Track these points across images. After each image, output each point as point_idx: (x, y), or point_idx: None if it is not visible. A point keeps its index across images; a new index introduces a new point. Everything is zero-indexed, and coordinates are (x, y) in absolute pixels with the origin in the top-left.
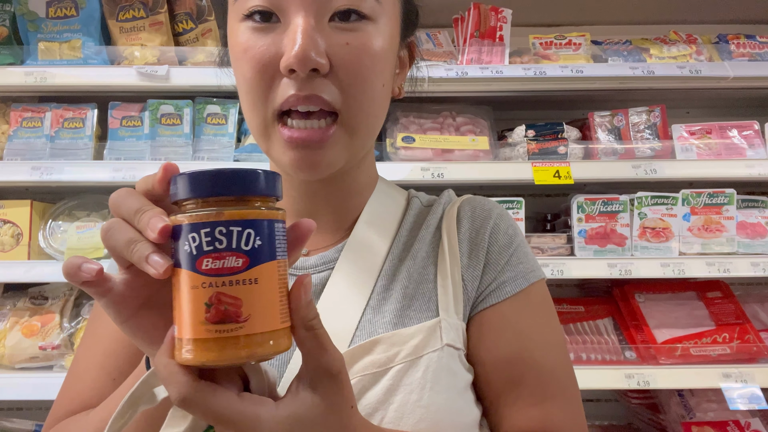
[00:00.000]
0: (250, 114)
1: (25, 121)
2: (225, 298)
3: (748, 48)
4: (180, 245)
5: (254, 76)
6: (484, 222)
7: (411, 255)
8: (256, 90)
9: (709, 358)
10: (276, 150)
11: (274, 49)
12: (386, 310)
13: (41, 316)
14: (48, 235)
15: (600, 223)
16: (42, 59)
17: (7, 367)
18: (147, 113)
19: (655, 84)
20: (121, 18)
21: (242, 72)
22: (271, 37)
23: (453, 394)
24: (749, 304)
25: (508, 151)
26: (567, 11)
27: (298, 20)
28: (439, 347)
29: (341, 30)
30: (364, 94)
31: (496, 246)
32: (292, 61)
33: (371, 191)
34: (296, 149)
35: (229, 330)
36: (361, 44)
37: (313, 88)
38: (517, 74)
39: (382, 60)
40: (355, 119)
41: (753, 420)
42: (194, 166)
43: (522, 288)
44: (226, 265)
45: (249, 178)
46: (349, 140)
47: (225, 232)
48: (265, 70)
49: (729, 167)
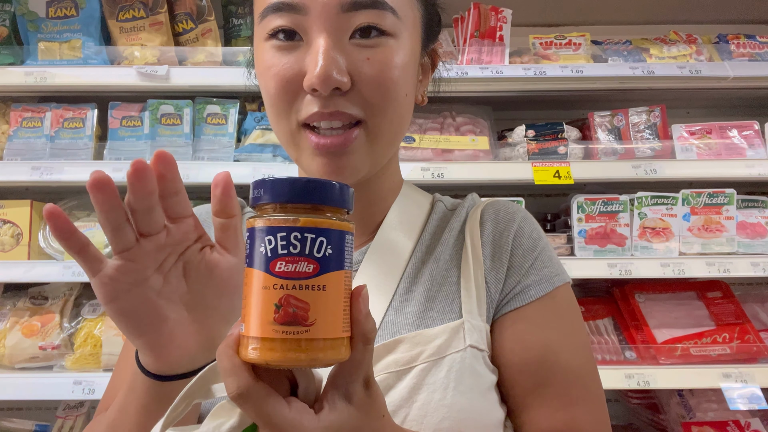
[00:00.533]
0: (277, 125)
1: (25, 121)
2: (294, 300)
3: (748, 48)
4: (256, 246)
5: (278, 93)
6: (508, 225)
7: (434, 257)
8: (281, 104)
9: (709, 358)
10: (305, 157)
11: (297, 67)
12: (408, 311)
13: (41, 316)
14: (48, 235)
15: (600, 223)
16: (42, 59)
17: (7, 367)
18: (147, 113)
19: (655, 84)
20: (121, 18)
21: (267, 87)
22: (295, 56)
23: (476, 394)
24: (749, 304)
25: (508, 151)
26: (567, 11)
27: (320, 40)
28: (462, 348)
29: (362, 47)
30: (387, 106)
31: (520, 249)
32: (315, 81)
33: (396, 195)
34: (323, 155)
35: (295, 332)
36: (382, 59)
37: (336, 105)
38: (517, 74)
39: (403, 73)
40: (378, 127)
41: (753, 420)
42: (194, 166)
43: (547, 292)
44: (298, 269)
45: (325, 188)
46: (370, 146)
47: (300, 237)
48: (289, 86)
49: (729, 167)
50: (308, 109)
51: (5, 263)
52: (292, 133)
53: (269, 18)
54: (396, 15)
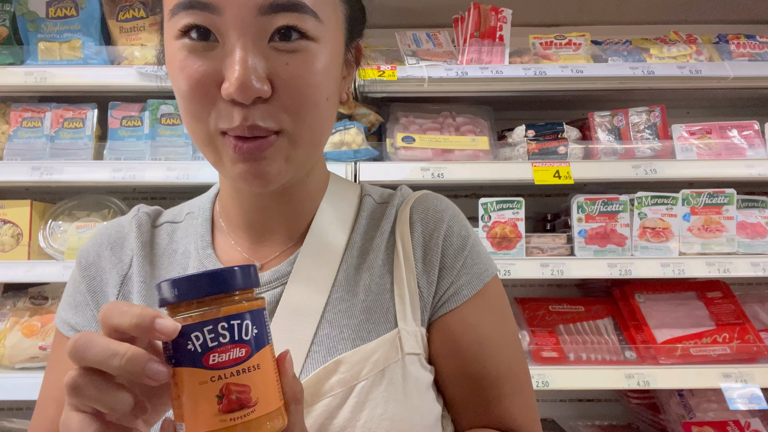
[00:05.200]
0: (193, 128)
1: (25, 121)
2: (235, 387)
3: (748, 48)
4: (182, 345)
5: (194, 96)
6: (437, 225)
7: (367, 265)
8: (196, 108)
9: (709, 358)
10: (226, 163)
11: (213, 71)
12: (345, 324)
13: (41, 316)
14: (48, 235)
15: (600, 223)
16: (42, 59)
17: (7, 367)
18: (147, 113)
19: (655, 84)
20: (121, 18)
21: (179, 88)
22: (209, 58)
23: (416, 399)
24: (749, 304)
25: (508, 151)
26: (567, 11)
27: (238, 46)
28: (399, 358)
29: (281, 51)
30: (306, 113)
31: (451, 250)
32: (234, 92)
33: (323, 193)
34: (244, 161)
35: (242, 416)
36: (302, 64)
37: (256, 116)
38: (517, 74)
39: (325, 78)
40: (299, 134)
41: (753, 420)
42: (194, 166)
43: (478, 289)
44: (232, 356)
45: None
46: (292, 151)
47: (227, 326)
48: (206, 90)
49: (729, 167)
50: (227, 117)
51: (5, 263)
52: (210, 137)
53: (180, 15)
54: (317, 18)
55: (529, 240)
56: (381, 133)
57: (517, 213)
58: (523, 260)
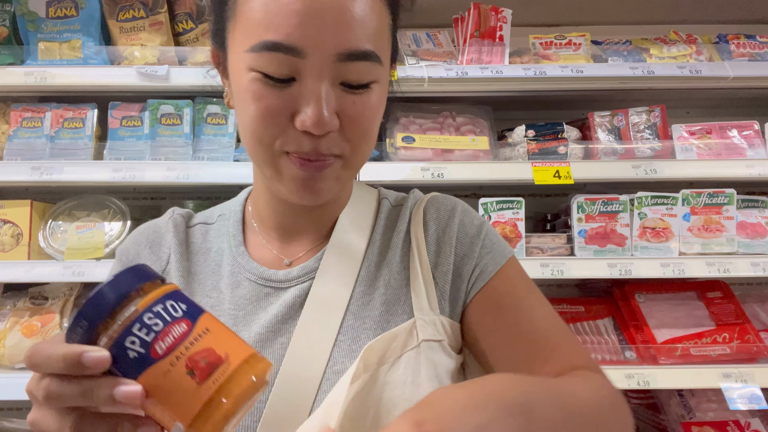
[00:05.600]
0: (256, 148)
1: (25, 121)
2: (197, 356)
3: (748, 48)
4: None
5: (264, 122)
6: (450, 221)
7: (386, 262)
8: (264, 132)
9: (709, 358)
10: (284, 180)
11: (288, 104)
12: (367, 316)
13: (41, 316)
14: (48, 235)
15: (600, 223)
16: (42, 59)
17: (7, 367)
18: (147, 113)
19: (655, 84)
20: (121, 18)
21: (249, 114)
22: (286, 92)
23: (434, 383)
24: (749, 304)
25: (508, 151)
26: (567, 11)
27: (316, 86)
28: (416, 345)
29: (349, 92)
30: (363, 143)
31: (467, 238)
32: (310, 126)
33: (348, 197)
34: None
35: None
36: (366, 102)
37: (324, 146)
38: (517, 74)
39: (380, 110)
40: (353, 160)
41: (753, 420)
42: (194, 166)
43: (502, 264)
44: (175, 334)
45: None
46: (344, 173)
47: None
48: (278, 120)
49: (729, 167)
50: (296, 146)
51: (5, 263)
52: (273, 156)
53: (263, 55)
54: (380, 63)
55: (529, 240)
56: (381, 133)
57: (517, 213)
58: (523, 260)
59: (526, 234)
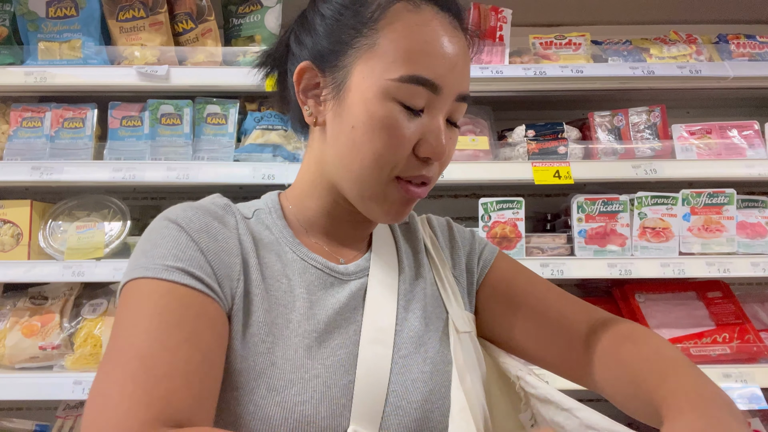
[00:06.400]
0: (369, 174)
1: (25, 121)
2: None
3: (748, 48)
4: None
5: (395, 150)
6: (450, 230)
7: (416, 265)
8: (391, 158)
9: (709, 358)
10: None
11: (416, 135)
12: (414, 308)
13: (41, 316)
14: (48, 235)
15: (600, 223)
16: (42, 59)
17: (7, 367)
18: (147, 113)
19: (655, 84)
20: (121, 18)
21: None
22: (415, 124)
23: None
24: (749, 304)
25: (508, 151)
26: (567, 11)
27: (441, 121)
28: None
29: (450, 129)
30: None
31: (467, 240)
32: (433, 154)
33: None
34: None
35: None
36: (455, 140)
37: (431, 171)
38: (517, 74)
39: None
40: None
41: (753, 420)
42: (194, 166)
43: (497, 251)
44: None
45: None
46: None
47: None
48: (406, 147)
49: (729, 167)
50: (413, 171)
51: (5, 263)
52: (383, 182)
53: (412, 87)
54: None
55: (529, 240)
56: None
57: (517, 213)
58: (523, 260)
59: (526, 234)
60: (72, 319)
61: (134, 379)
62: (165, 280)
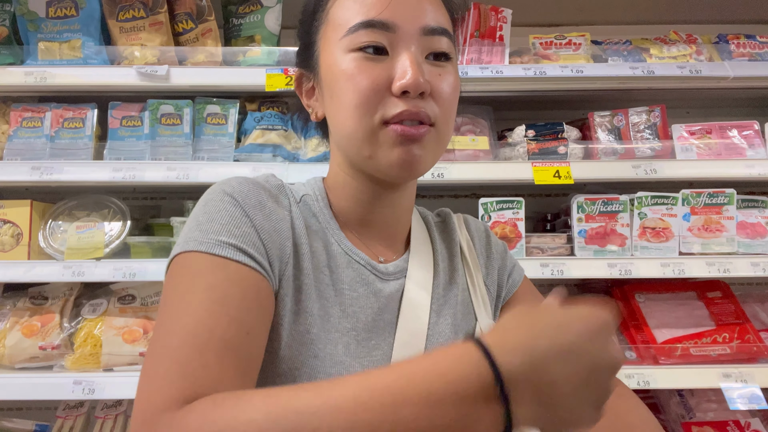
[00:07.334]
0: (357, 123)
1: (25, 121)
2: None
3: (748, 48)
4: None
5: (367, 94)
6: (488, 238)
7: (451, 269)
8: (368, 103)
9: (709, 358)
10: (383, 150)
11: (385, 74)
12: (445, 313)
13: (41, 316)
14: (48, 235)
15: (600, 223)
16: (42, 59)
17: (7, 367)
18: (147, 113)
19: (655, 84)
20: (121, 18)
21: (347, 91)
22: (381, 66)
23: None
24: (749, 304)
25: (508, 151)
26: (567, 11)
27: (407, 54)
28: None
29: (434, 65)
30: (450, 113)
31: (501, 254)
32: (407, 84)
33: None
34: (404, 144)
35: None
36: (447, 78)
37: (420, 105)
38: (517, 74)
39: (457, 90)
40: (443, 132)
41: (753, 420)
42: (194, 166)
43: (523, 273)
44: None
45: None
46: (436, 145)
47: None
48: (378, 89)
49: (729, 167)
50: (395, 108)
51: (5, 263)
52: (373, 129)
53: (360, 33)
54: (453, 42)
55: (529, 240)
56: None
57: (517, 213)
58: (522, 260)
59: (526, 234)
60: (72, 319)
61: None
62: (218, 255)
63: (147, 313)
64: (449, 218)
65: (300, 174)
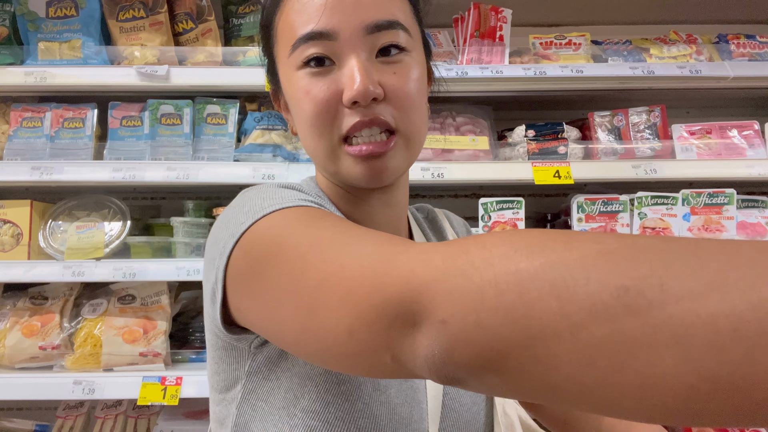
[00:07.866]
0: (317, 143)
1: (25, 121)
2: None
3: (748, 48)
4: None
5: (319, 113)
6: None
7: None
8: (322, 123)
9: None
10: (345, 167)
11: (334, 87)
12: None
13: (41, 316)
14: (48, 235)
15: (600, 223)
16: (42, 59)
17: (7, 367)
18: (147, 113)
19: (655, 84)
20: (121, 18)
21: (304, 110)
22: (329, 78)
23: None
24: None
25: (508, 151)
26: (567, 11)
27: (352, 60)
28: None
29: (387, 63)
30: (414, 112)
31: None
32: (355, 95)
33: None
34: (364, 161)
35: None
36: (404, 72)
37: (374, 113)
38: (517, 74)
39: (421, 83)
40: (410, 132)
41: None
42: (194, 166)
43: None
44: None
45: None
46: (406, 150)
47: None
48: (329, 105)
49: (729, 167)
50: (349, 121)
51: (5, 263)
52: (333, 148)
53: (301, 48)
54: (408, 33)
55: None
56: None
57: (517, 213)
58: None
59: None
60: (72, 319)
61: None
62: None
63: (147, 313)
64: (435, 214)
65: (300, 174)
